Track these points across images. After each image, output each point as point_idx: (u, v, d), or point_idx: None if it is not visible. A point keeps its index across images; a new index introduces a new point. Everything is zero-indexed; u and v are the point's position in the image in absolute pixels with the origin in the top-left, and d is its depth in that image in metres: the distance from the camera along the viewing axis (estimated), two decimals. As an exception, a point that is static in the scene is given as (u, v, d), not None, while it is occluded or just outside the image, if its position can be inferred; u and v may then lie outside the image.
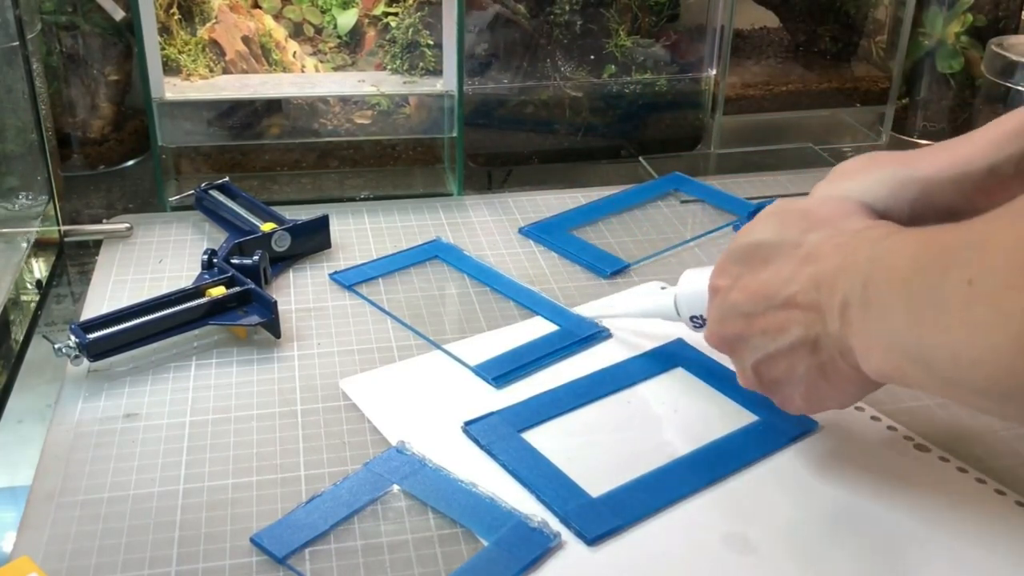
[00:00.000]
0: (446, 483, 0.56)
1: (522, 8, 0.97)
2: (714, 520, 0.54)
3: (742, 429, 0.61)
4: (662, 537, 0.53)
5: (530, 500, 0.55)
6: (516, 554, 0.51)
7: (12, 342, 0.73)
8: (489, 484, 0.56)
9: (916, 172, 0.55)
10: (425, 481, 0.56)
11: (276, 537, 0.52)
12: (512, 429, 0.60)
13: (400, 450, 0.59)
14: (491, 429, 0.60)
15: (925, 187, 0.55)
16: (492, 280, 0.78)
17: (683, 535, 0.53)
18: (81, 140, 0.98)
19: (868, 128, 1.12)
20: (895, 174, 0.55)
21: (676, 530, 0.53)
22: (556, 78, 0.99)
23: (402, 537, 0.53)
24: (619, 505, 0.54)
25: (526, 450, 0.59)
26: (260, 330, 0.70)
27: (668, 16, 1.01)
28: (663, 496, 0.55)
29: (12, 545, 0.52)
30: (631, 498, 0.55)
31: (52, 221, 0.85)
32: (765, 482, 0.57)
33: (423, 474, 0.57)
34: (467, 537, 0.53)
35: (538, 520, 0.53)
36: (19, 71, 0.80)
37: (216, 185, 0.86)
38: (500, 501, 0.54)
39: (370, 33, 0.93)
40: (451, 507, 0.54)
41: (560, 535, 0.52)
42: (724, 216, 0.90)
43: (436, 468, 0.57)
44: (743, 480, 0.57)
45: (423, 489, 0.56)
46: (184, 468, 0.58)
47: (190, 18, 0.89)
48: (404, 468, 0.57)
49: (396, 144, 0.98)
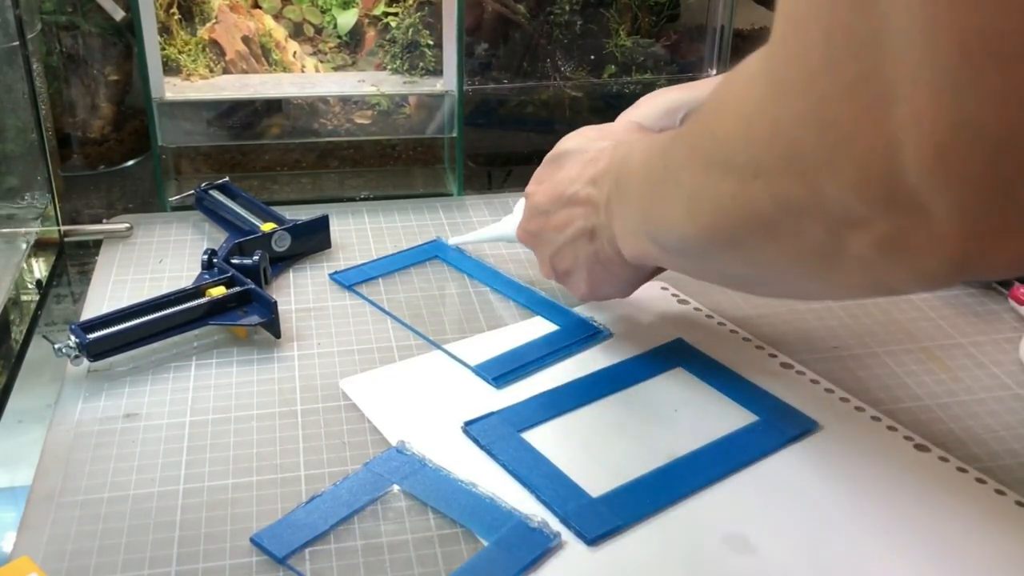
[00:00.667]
0: (446, 483, 0.56)
1: (522, 8, 0.97)
2: (714, 520, 0.54)
3: (742, 429, 0.61)
4: (662, 537, 0.53)
5: (530, 500, 0.55)
6: (516, 554, 0.51)
7: (12, 342, 0.73)
8: (489, 484, 0.56)
9: (689, 97, 0.66)
10: (425, 481, 0.56)
11: (276, 537, 0.52)
12: (512, 429, 0.60)
13: (400, 450, 0.59)
14: (491, 429, 0.60)
15: (693, 107, 0.65)
16: (492, 280, 0.78)
17: (683, 535, 0.53)
18: (81, 140, 0.98)
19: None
20: (671, 100, 0.66)
21: (676, 530, 0.53)
22: (556, 78, 0.99)
23: (402, 537, 0.53)
24: (619, 505, 0.54)
25: (526, 450, 0.59)
26: (260, 330, 0.70)
27: (668, 16, 1.01)
28: (663, 496, 0.55)
29: (12, 545, 0.52)
30: (631, 498, 0.55)
31: (52, 221, 0.85)
32: (765, 482, 0.57)
33: (423, 474, 0.57)
34: (467, 537, 0.53)
35: (538, 520, 0.53)
36: (19, 71, 0.80)
37: (216, 185, 0.86)
38: (500, 501, 0.54)
39: (370, 33, 0.93)
40: (451, 507, 0.54)
41: (560, 535, 0.52)
42: (724, 216, 0.90)
43: (436, 468, 0.57)
44: (743, 480, 0.57)
45: (423, 489, 0.56)
46: (184, 468, 0.58)
47: (190, 18, 0.89)
48: (404, 468, 0.57)
49: (396, 144, 0.98)
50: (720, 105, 0.45)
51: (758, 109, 0.40)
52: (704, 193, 0.45)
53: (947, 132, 0.31)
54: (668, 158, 0.50)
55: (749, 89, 0.41)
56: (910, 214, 0.34)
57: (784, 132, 0.38)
